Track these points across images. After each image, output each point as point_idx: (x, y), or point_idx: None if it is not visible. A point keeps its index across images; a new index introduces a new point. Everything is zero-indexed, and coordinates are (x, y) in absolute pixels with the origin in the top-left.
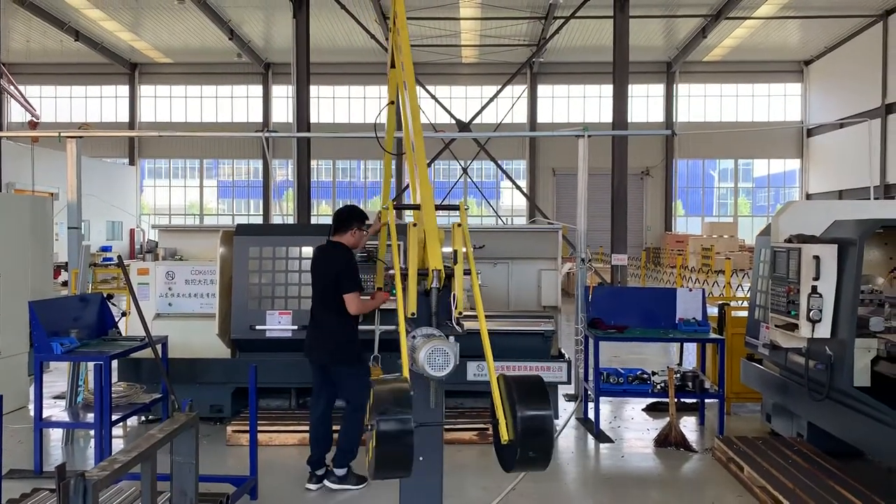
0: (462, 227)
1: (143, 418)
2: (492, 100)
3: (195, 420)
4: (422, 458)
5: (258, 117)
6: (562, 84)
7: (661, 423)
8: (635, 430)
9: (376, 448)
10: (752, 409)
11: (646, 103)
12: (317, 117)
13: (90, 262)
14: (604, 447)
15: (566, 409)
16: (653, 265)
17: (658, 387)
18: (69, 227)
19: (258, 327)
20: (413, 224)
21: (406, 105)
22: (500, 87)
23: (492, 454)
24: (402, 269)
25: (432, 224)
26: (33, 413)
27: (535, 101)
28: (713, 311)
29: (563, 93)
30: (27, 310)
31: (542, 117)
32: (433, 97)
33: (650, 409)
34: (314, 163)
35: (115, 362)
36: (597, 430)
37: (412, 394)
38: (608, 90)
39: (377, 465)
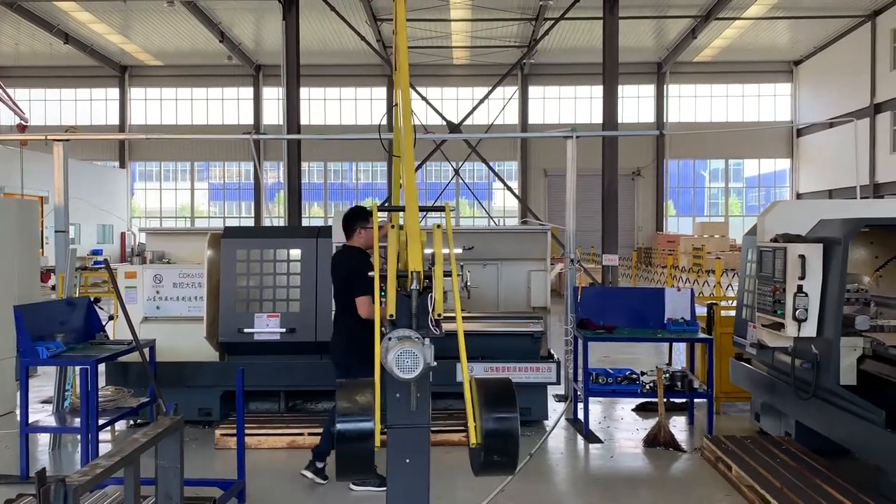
0: (444, 228)
1: (131, 422)
2: (482, 101)
3: (180, 424)
4: (408, 461)
5: (249, 119)
6: (553, 85)
7: (650, 423)
8: (625, 430)
9: (336, 449)
10: (741, 409)
11: (636, 104)
12: (308, 119)
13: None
14: (593, 447)
15: (556, 410)
16: (644, 265)
17: (647, 387)
18: (56, 231)
19: (246, 330)
20: (392, 225)
21: (400, 106)
22: (490, 88)
23: None
24: (382, 271)
25: (414, 226)
26: (19, 418)
27: (526, 102)
28: (703, 311)
29: (555, 94)
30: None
31: (534, 118)
32: (424, 99)
33: (640, 409)
34: (306, 165)
35: (103, 366)
36: (586, 430)
37: (376, 395)
38: (599, 91)
39: (338, 466)
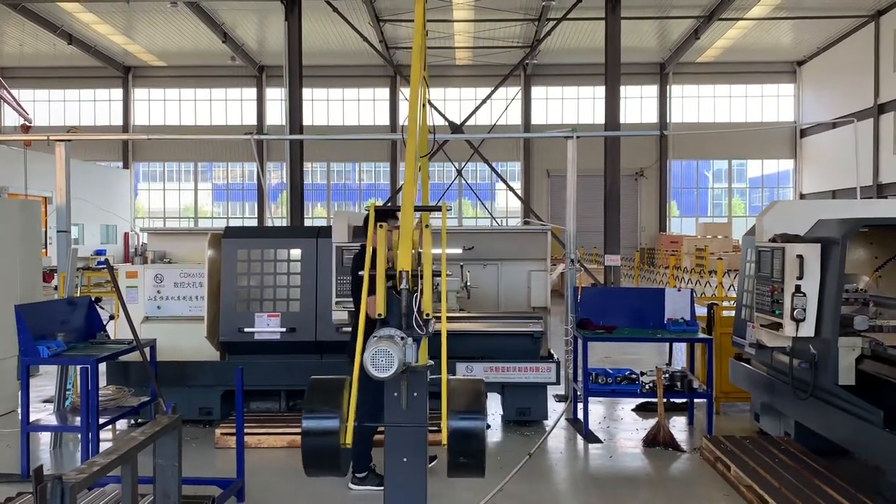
0: (431, 228)
1: (131, 422)
2: (485, 101)
3: (178, 422)
4: (406, 460)
5: (252, 120)
6: (555, 85)
7: (650, 423)
8: (624, 430)
9: (301, 444)
10: (741, 409)
11: (639, 104)
12: (311, 120)
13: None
14: (593, 447)
15: (556, 410)
16: (647, 266)
17: (647, 387)
18: (58, 231)
19: (247, 330)
20: (380, 225)
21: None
22: (493, 88)
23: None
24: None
25: (407, 225)
26: (20, 417)
27: (528, 102)
28: (703, 312)
29: (557, 94)
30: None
31: (536, 119)
32: (427, 99)
33: (640, 410)
34: (309, 165)
35: (104, 366)
36: (586, 430)
37: (353, 393)
38: (601, 91)
39: (303, 461)
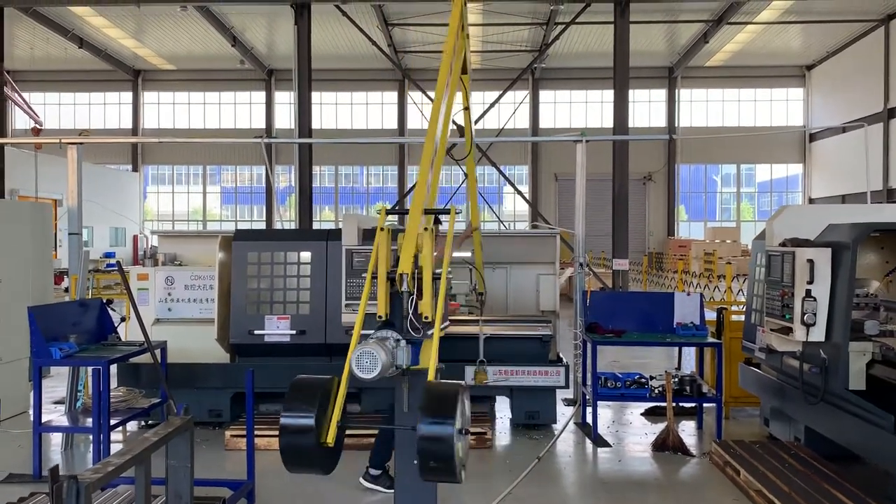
0: (434, 231)
1: (142, 423)
2: (493, 105)
3: (190, 424)
4: (415, 462)
5: (261, 123)
6: (564, 89)
7: (659, 428)
8: (633, 434)
9: (279, 440)
10: (750, 414)
11: (648, 108)
12: (319, 123)
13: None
14: (602, 451)
15: (565, 414)
16: (655, 270)
17: (656, 391)
18: (70, 233)
19: (257, 332)
20: (381, 228)
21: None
22: (501, 92)
23: (489, 458)
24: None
25: (412, 228)
26: (32, 417)
27: (536, 106)
28: (712, 316)
29: (566, 98)
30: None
31: (545, 122)
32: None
33: (649, 414)
34: (317, 169)
35: (115, 367)
36: (595, 434)
37: (341, 393)
38: (610, 95)
39: (282, 458)
